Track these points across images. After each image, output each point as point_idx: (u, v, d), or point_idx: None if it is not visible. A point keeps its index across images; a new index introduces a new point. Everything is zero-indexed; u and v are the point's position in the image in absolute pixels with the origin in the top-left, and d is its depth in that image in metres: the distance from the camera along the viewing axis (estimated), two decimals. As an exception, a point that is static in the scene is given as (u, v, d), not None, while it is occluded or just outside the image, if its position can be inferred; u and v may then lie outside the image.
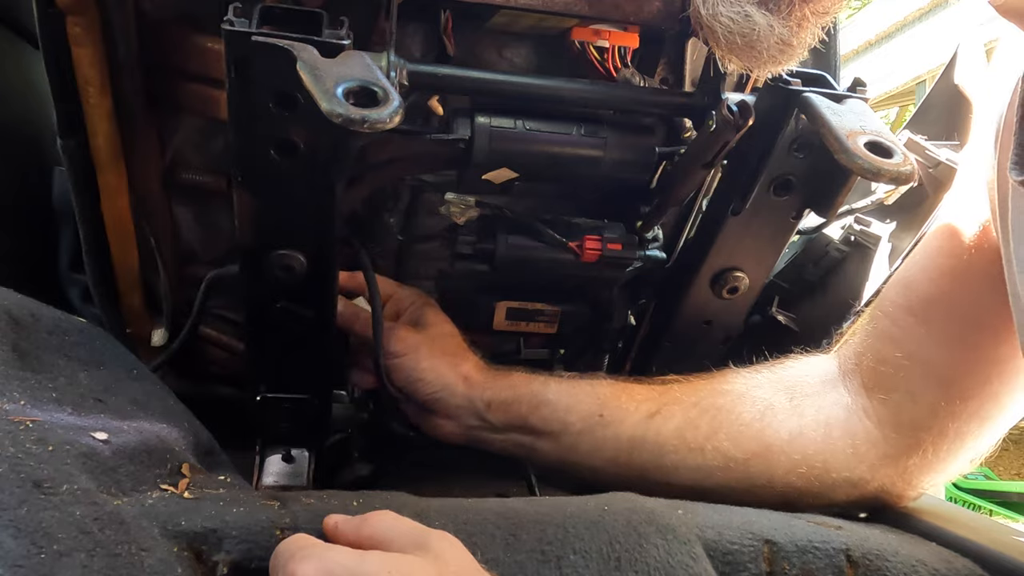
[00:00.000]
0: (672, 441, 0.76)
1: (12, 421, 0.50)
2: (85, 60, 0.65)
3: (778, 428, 0.76)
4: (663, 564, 0.57)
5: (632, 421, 0.77)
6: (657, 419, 0.77)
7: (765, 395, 0.78)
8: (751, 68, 0.58)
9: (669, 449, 0.76)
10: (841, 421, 0.76)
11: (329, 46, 0.55)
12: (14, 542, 0.42)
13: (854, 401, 0.77)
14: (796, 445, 0.75)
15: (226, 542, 0.52)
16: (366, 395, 0.88)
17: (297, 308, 0.70)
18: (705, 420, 0.77)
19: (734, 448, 0.75)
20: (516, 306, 0.88)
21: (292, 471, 0.79)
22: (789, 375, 0.80)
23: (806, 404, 0.77)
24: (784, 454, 0.75)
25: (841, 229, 1.01)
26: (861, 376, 0.77)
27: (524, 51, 0.77)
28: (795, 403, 0.77)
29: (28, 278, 0.96)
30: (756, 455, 0.75)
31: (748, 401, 0.78)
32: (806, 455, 0.74)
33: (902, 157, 0.60)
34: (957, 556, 0.65)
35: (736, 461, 0.75)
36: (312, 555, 0.48)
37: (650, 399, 0.79)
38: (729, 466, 0.75)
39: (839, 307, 0.98)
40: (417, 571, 0.47)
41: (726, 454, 0.75)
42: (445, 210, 0.80)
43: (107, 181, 0.73)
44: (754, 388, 0.79)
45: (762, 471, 0.75)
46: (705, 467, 0.76)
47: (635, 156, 0.76)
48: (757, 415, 0.77)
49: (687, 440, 0.76)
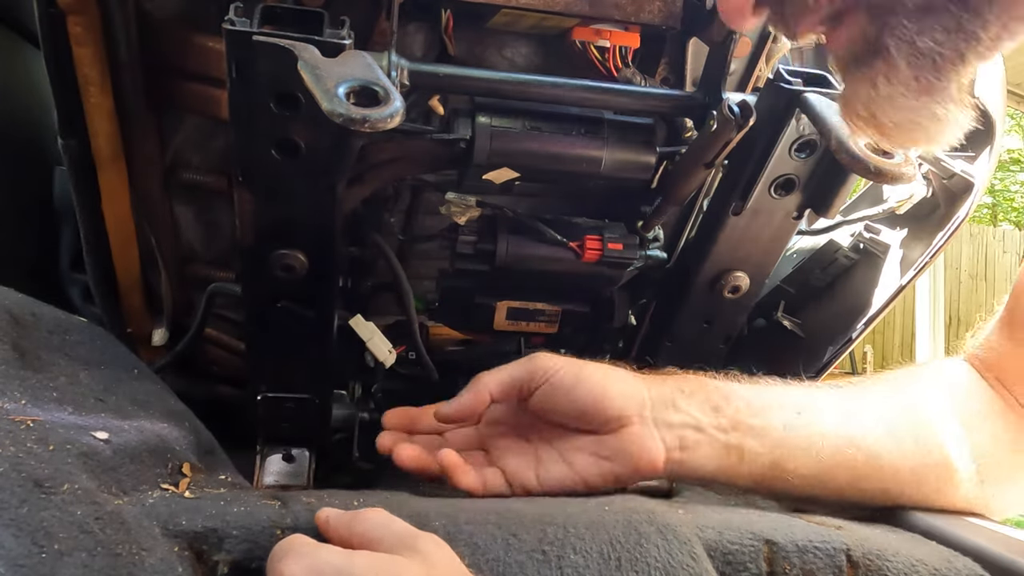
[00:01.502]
0: (886, 444, 0.71)
1: (13, 420, 0.50)
2: (86, 59, 0.65)
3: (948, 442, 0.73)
4: (663, 564, 0.57)
5: (832, 419, 0.71)
6: (887, 429, 0.72)
7: (937, 410, 0.75)
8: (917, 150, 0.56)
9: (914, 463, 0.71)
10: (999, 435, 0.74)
11: (330, 46, 0.55)
12: (15, 541, 0.42)
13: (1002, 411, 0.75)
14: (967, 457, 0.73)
15: (227, 542, 0.52)
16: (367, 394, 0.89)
17: (298, 308, 0.70)
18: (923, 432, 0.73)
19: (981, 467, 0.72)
20: (517, 306, 0.88)
21: (292, 471, 0.79)
22: (951, 392, 0.77)
23: (972, 422, 0.75)
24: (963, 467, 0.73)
25: (851, 236, 1.01)
26: (1003, 383, 0.75)
27: (525, 51, 0.77)
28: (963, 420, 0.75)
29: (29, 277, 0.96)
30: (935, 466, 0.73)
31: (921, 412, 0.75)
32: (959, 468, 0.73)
33: (903, 157, 0.60)
34: (957, 556, 0.65)
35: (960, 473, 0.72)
36: (302, 554, 0.49)
37: (838, 399, 0.74)
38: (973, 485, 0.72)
39: (846, 314, 0.98)
40: (405, 573, 0.47)
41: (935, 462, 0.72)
42: (446, 210, 0.80)
43: (108, 181, 0.73)
44: (921, 399, 0.75)
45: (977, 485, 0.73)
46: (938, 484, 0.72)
47: (636, 156, 0.76)
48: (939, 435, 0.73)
49: (898, 438, 0.72)
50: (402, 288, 0.76)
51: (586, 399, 0.67)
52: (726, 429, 0.69)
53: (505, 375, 0.70)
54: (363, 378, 0.89)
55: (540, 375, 0.68)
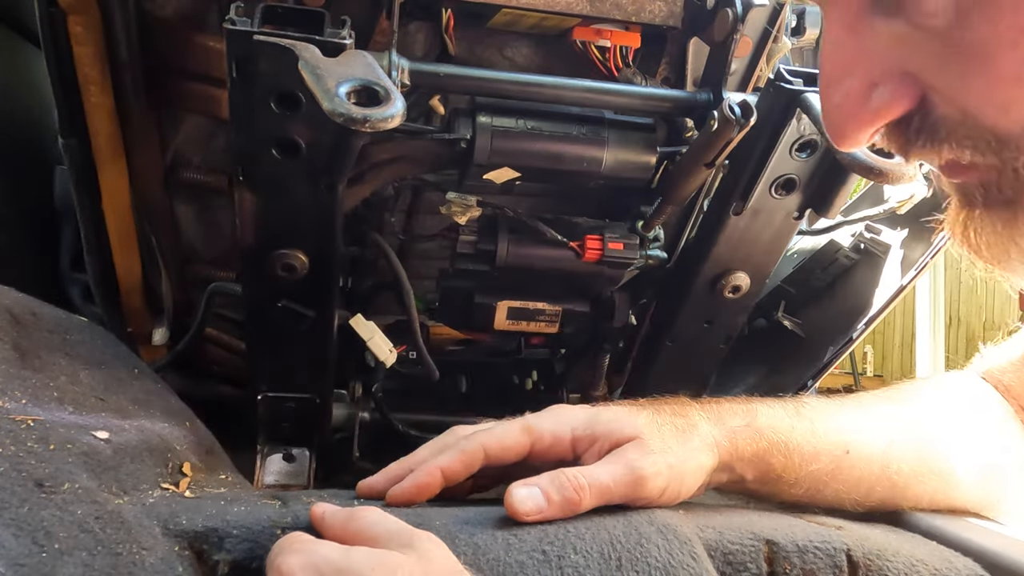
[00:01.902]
0: (915, 471, 0.71)
1: (13, 420, 0.50)
2: (86, 59, 0.65)
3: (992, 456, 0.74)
4: (664, 564, 0.57)
5: (875, 455, 0.71)
6: (896, 449, 0.71)
7: (965, 418, 0.75)
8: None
9: (913, 481, 0.72)
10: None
11: (331, 45, 0.55)
12: (15, 541, 0.42)
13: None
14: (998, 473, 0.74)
15: (227, 541, 0.52)
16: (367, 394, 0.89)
17: (298, 308, 0.70)
18: (938, 446, 0.73)
19: (963, 473, 0.73)
20: (517, 305, 0.88)
21: (293, 470, 0.79)
22: (968, 401, 0.77)
23: (991, 436, 0.76)
24: (996, 478, 0.74)
25: (851, 236, 1.01)
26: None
27: (526, 50, 0.77)
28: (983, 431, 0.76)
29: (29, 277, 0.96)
30: (985, 478, 0.74)
31: (961, 426, 0.75)
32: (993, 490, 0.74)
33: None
34: (958, 556, 0.65)
35: (965, 484, 0.73)
36: (299, 549, 0.49)
37: (884, 423, 0.73)
38: (961, 489, 0.73)
39: (846, 314, 0.98)
40: (402, 568, 0.47)
41: (960, 478, 0.73)
42: (446, 209, 0.80)
43: (108, 180, 0.73)
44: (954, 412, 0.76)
45: (984, 494, 0.74)
46: (943, 491, 0.72)
47: (636, 156, 0.76)
48: (968, 441, 0.74)
49: (930, 468, 0.72)
50: (403, 287, 0.76)
51: (677, 500, 0.66)
52: (769, 483, 0.70)
53: (607, 499, 0.62)
54: (363, 378, 0.89)
55: (646, 497, 0.63)
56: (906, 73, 0.38)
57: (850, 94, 0.39)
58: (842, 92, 0.40)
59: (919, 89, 0.38)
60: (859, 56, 0.39)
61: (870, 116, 0.39)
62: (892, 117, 0.39)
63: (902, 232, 0.99)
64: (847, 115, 0.40)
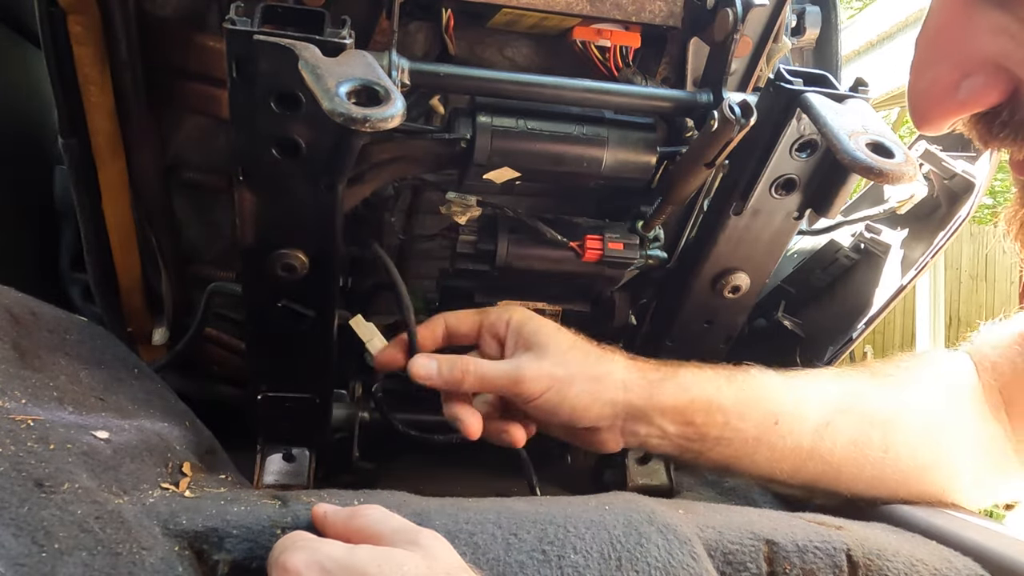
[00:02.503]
0: (850, 455, 0.73)
1: (13, 420, 0.50)
2: (86, 59, 0.65)
3: (945, 443, 0.75)
4: (664, 564, 0.57)
5: (807, 430, 0.73)
6: (831, 431, 0.74)
7: (927, 405, 0.76)
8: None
9: (847, 463, 0.74)
10: (994, 440, 0.76)
11: (331, 45, 0.55)
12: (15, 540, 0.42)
13: (997, 418, 0.76)
14: (957, 459, 0.75)
15: (227, 541, 0.52)
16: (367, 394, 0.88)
17: (298, 307, 0.70)
18: (877, 433, 0.74)
19: (911, 460, 0.74)
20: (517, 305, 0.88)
21: (293, 470, 0.79)
22: (942, 382, 0.78)
23: (962, 419, 0.76)
24: (952, 467, 0.75)
25: (851, 236, 1.01)
26: (1004, 397, 0.77)
27: (526, 50, 0.77)
28: (953, 416, 0.76)
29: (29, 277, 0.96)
30: (929, 468, 0.75)
31: (914, 413, 0.76)
32: (961, 470, 0.75)
33: (903, 157, 0.60)
34: (957, 555, 0.65)
35: (913, 471, 0.74)
36: (303, 547, 0.49)
37: (820, 405, 0.75)
38: (908, 479, 0.74)
39: (846, 314, 0.98)
40: (407, 565, 0.47)
41: (903, 468, 0.74)
42: (446, 209, 0.80)
43: (108, 180, 0.73)
44: (915, 397, 0.77)
45: (934, 481, 0.75)
46: (881, 479, 0.74)
47: (636, 156, 0.76)
48: (924, 428, 0.75)
49: (864, 454, 0.74)
50: (400, 296, 0.77)
51: (563, 418, 0.72)
52: (692, 438, 0.74)
53: (486, 387, 0.73)
54: (363, 378, 0.89)
55: (522, 399, 0.72)
56: (1000, 67, 0.38)
57: (939, 80, 0.39)
58: (931, 77, 0.40)
59: (1011, 84, 0.38)
60: (955, 44, 0.39)
61: (956, 105, 0.40)
62: (978, 108, 0.39)
63: (902, 232, 0.98)
64: (934, 101, 0.40)
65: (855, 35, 5.73)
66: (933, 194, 0.96)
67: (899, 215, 0.98)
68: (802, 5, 0.87)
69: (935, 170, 0.94)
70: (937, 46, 0.40)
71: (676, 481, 0.93)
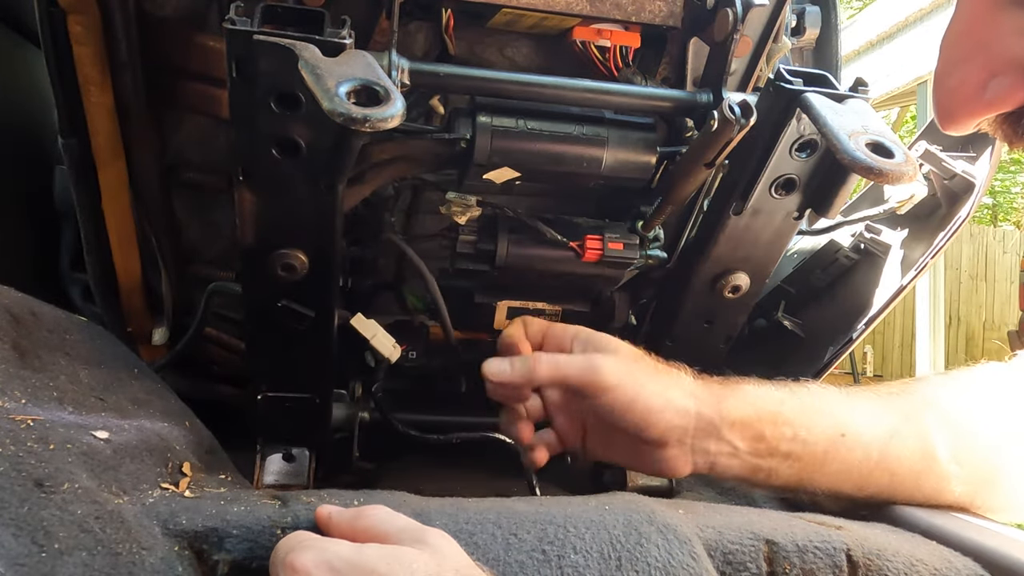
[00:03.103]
0: (916, 465, 0.72)
1: (13, 420, 0.50)
2: (86, 59, 0.65)
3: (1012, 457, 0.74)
4: (664, 564, 0.57)
5: (875, 441, 0.72)
6: (897, 441, 0.72)
7: (991, 418, 0.75)
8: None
9: (912, 473, 0.72)
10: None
11: (331, 45, 0.55)
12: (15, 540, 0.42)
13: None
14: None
15: (227, 541, 0.52)
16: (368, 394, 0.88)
17: (298, 307, 0.70)
18: (943, 440, 0.73)
19: (971, 473, 0.73)
20: (517, 305, 0.88)
21: (293, 470, 0.79)
22: (1005, 394, 0.77)
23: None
24: (1010, 484, 0.74)
25: (851, 236, 1.01)
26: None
27: (526, 50, 0.77)
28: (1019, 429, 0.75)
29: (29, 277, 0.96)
30: (987, 482, 0.74)
31: (980, 424, 0.74)
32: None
33: (904, 157, 0.60)
34: (957, 555, 0.65)
35: (971, 483, 0.73)
36: (310, 546, 0.49)
37: (884, 414, 0.74)
38: (977, 491, 0.73)
39: (846, 314, 0.98)
40: (417, 563, 0.47)
41: (964, 479, 0.73)
42: (446, 209, 0.80)
43: (108, 180, 0.73)
44: (980, 408, 0.76)
45: (991, 495, 0.74)
46: (942, 489, 0.73)
47: (636, 156, 0.76)
48: (992, 441, 0.74)
49: (929, 464, 0.72)
50: (427, 280, 0.78)
51: (635, 420, 0.70)
52: (762, 454, 0.72)
53: (561, 375, 0.73)
54: (363, 378, 0.89)
55: (597, 389, 0.70)
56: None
57: (967, 80, 0.40)
58: (959, 78, 0.40)
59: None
60: (983, 44, 0.39)
61: (983, 105, 0.40)
62: (1005, 108, 0.40)
63: (902, 232, 0.99)
64: (961, 101, 0.40)
65: (855, 35, 5.74)
66: (933, 194, 0.96)
67: (899, 215, 0.98)
68: (802, 5, 0.87)
69: (935, 170, 0.94)
70: (964, 47, 0.40)
71: (676, 481, 0.93)
